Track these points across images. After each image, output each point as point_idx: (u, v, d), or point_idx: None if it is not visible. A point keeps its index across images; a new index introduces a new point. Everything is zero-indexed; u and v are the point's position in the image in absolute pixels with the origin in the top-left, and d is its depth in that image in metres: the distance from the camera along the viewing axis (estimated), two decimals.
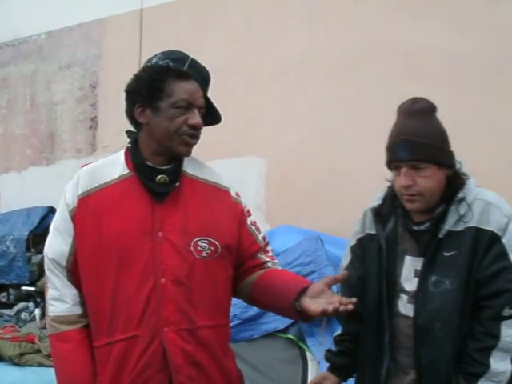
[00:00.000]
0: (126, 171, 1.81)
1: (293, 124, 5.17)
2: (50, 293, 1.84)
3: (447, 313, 1.83)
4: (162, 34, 5.95)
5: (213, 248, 1.80)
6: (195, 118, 1.75)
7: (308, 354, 3.52)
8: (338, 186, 4.86)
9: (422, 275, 1.88)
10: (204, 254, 1.78)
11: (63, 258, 1.81)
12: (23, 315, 5.70)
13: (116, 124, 6.82)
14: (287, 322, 3.59)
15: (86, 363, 1.79)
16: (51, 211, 6.68)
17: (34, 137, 7.13)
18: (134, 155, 1.81)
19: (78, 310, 1.82)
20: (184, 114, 1.74)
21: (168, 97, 1.74)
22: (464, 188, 1.88)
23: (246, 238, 1.94)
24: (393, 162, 1.91)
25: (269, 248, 2.05)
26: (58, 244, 1.82)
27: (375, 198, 2.08)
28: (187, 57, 1.85)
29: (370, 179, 4.76)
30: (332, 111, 4.99)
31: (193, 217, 1.80)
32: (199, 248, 1.78)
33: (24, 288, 6.16)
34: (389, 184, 2.06)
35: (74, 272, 1.81)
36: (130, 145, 1.85)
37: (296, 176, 5.10)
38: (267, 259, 1.99)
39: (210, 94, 2.01)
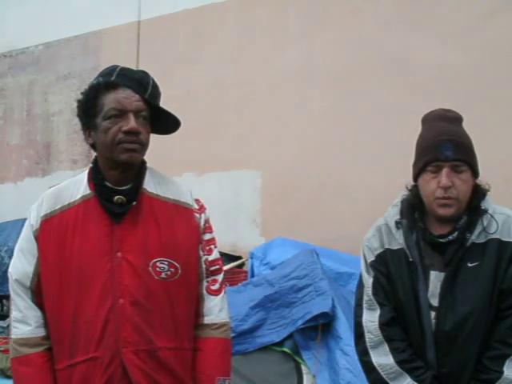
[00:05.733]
0: (88, 191, 1.81)
1: (289, 137, 5.18)
2: (14, 315, 1.82)
3: (474, 321, 1.84)
4: (159, 46, 5.98)
5: (173, 269, 1.78)
6: (129, 123, 1.71)
7: (303, 368, 3.49)
8: (333, 199, 4.87)
9: (446, 285, 1.88)
10: (163, 275, 1.76)
11: (27, 278, 1.80)
12: None
13: None
14: (282, 335, 3.58)
15: None
16: None
17: (30, 147, 7.12)
18: (94, 175, 1.82)
19: (41, 332, 1.79)
20: (117, 123, 1.72)
21: (100, 111, 1.74)
22: (484, 200, 1.92)
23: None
24: (434, 162, 1.87)
25: (217, 277, 1.92)
26: (21, 265, 1.82)
27: (391, 213, 2.03)
28: (116, 67, 1.82)
29: (366, 192, 4.79)
30: (328, 124, 5.00)
31: (152, 237, 1.78)
32: (158, 269, 1.76)
33: None
34: (398, 199, 2.04)
35: (38, 293, 1.80)
36: (92, 165, 1.85)
37: (292, 189, 5.10)
38: (204, 292, 1.89)
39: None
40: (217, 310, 1.89)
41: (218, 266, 1.93)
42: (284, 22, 5.32)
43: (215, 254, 1.93)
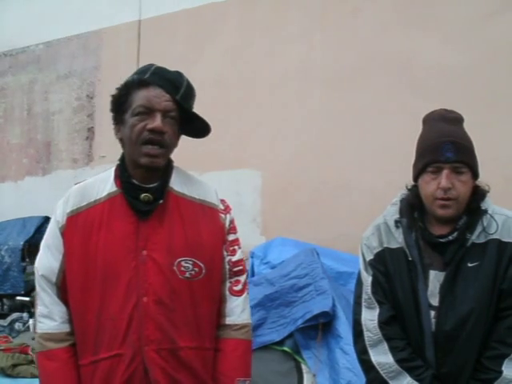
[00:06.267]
0: (114, 189, 1.81)
1: (289, 137, 5.19)
2: (39, 309, 1.83)
3: (474, 321, 1.85)
4: (159, 45, 5.98)
5: (197, 269, 1.78)
6: (154, 121, 1.72)
7: (303, 367, 3.50)
8: (333, 199, 4.87)
9: (446, 284, 1.88)
10: (187, 274, 1.77)
11: (53, 274, 1.81)
12: (17, 325, 5.66)
13: (113, 135, 6.84)
14: (283, 334, 3.58)
15: (72, 383, 1.78)
16: (47, 221, 6.65)
17: (30, 146, 7.12)
18: (121, 173, 1.82)
19: (66, 328, 1.81)
20: (143, 121, 1.73)
21: (129, 107, 1.75)
22: (484, 201, 1.93)
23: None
24: (434, 163, 1.88)
25: (240, 278, 1.93)
26: (48, 261, 1.82)
27: (390, 211, 2.04)
28: (152, 66, 1.82)
29: (366, 192, 4.80)
30: (328, 124, 5.01)
31: (178, 236, 1.78)
32: (182, 268, 1.76)
33: (18, 298, 6.13)
34: (397, 198, 2.05)
35: (63, 289, 1.81)
36: (119, 162, 1.86)
37: (292, 188, 5.11)
38: (226, 293, 1.90)
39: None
40: (239, 310, 1.90)
41: (241, 267, 1.93)
42: (284, 22, 5.33)
43: (239, 255, 1.94)
